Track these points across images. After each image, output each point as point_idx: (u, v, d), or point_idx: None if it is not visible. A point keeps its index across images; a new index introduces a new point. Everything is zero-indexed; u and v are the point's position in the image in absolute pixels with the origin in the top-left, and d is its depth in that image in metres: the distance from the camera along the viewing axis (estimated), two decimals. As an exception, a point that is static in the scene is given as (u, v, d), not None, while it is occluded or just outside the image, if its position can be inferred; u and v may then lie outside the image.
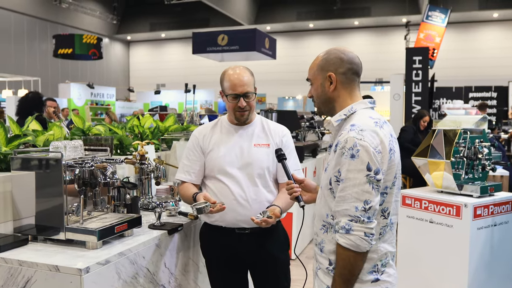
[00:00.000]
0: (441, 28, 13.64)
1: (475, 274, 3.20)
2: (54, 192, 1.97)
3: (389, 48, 21.02)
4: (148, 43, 25.21)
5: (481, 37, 20.44)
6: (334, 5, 20.10)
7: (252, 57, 14.55)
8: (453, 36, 18.62)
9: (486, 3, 18.55)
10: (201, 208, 2.05)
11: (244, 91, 2.24)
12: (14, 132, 2.43)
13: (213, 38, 13.20)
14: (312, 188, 2.04)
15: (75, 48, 15.06)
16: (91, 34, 16.87)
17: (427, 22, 13.65)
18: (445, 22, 13.62)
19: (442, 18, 13.58)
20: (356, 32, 22.54)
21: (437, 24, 13.60)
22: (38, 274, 1.78)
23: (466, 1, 18.24)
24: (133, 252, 2.00)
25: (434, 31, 13.50)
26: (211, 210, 2.08)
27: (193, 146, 2.36)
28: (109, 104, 15.03)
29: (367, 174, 1.59)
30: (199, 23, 21.35)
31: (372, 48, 21.82)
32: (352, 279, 1.66)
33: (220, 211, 2.11)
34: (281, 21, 21.77)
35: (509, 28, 20.13)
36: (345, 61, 1.76)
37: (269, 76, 21.18)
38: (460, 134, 3.34)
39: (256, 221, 2.06)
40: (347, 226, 1.60)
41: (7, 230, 2.08)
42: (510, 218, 3.43)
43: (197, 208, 2.06)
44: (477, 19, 19.99)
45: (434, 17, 13.56)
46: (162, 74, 24.33)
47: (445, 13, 13.65)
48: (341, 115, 1.77)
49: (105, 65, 22.93)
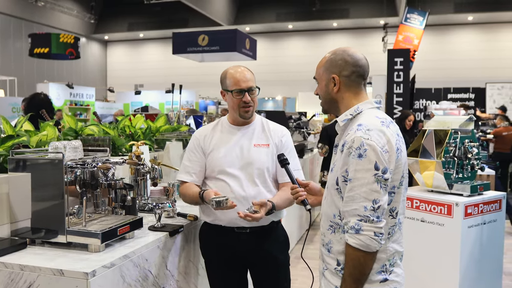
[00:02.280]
0: (419, 30, 13.86)
1: (466, 272, 3.25)
2: (54, 193, 1.92)
3: (367, 50, 21.18)
4: (126, 43, 24.90)
5: (457, 39, 20.84)
6: (313, 6, 20.20)
7: (233, 58, 14.52)
8: (430, 38, 18.93)
9: (461, 6, 18.94)
10: (220, 201, 2.06)
11: (249, 85, 2.28)
12: (7, 132, 2.36)
13: (194, 38, 13.14)
14: (317, 191, 2.04)
15: (52, 48, 14.76)
16: (68, 33, 16.54)
17: (405, 24, 13.85)
18: (423, 24, 13.85)
19: (420, 20, 13.79)
20: (335, 34, 22.71)
21: (416, 27, 13.81)
22: (41, 278, 1.73)
23: (442, 4, 18.57)
24: (136, 254, 1.96)
25: (413, 33, 13.71)
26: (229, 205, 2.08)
27: (194, 147, 2.35)
28: (89, 104, 14.78)
29: (375, 173, 1.60)
30: (178, 23, 21.18)
31: (351, 49, 21.98)
32: (362, 279, 1.66)
33: (232, 207, 2.10)
34: (260, 22, 21.77)
35: (483, 31, 20.60)
36: (350, 64, 1.76)
37: (249, 76, 21.11)
38: (450, 134, 3.39)
39: (241, 214, 2.06)
40: (357, 226, 1.60)
41: (4, 233, 2.02)
42: (498, 217, 3.49)
43: (216, 201, 2.06)
44: (452, 22, 20.37)
45: (413, 20, 13.77)
46: (140, 74, 24.05)
47: (423, 16, 13.87)
48: (347, 115, 1.78)
49: (82, 65, 22.54)
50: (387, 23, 18.95)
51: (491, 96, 10.04)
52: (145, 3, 19.29)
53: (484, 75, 16.70)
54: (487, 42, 20.40)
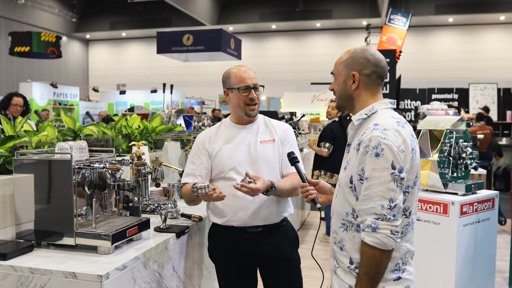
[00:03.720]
0: (403, 31, 14.04)
1: (462, 270, 3.30)
2: (62, 195, 1.88)
3: (350, 51, 21.39)
4: (108, 42, 24.61)
5: (438, 40, 21.16)
6: (297, 7, 20.28)
7: (217, 58, 14.47)
8: (412, 39, 19.17)
9: (442, 8, 19.24)
10: (202, 186, 2.04)
11: (254, 82, 2.30)
12: (8, 132, 2.31)
13: (178, 38, 13.06)
14: (327, 189, 2.05)
15: (33, 46, 14.49)
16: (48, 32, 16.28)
17: (389, 25, 14.01)
18: (407, 25, 14.03)
19: (404, 21, 13.97)
20: (318, 34, 22.84)
21: (399, 28, 13.98)
22: (52, 282, 1.69)
23: (423, 5, 18.82)
24: (146, 256, 1.94)
25: (396, 34, 13.87)
26: (210, 194, 2.07)
27: (198, 150, 2.34)
28: (73, 104, 14.54)
29: (392, 172, 1.61)
30: (161, 23, 21.02)
31: (333, 50, 22.13)
32: (378, 277, 1.68)
33: (218, 199, 2.10)
34: (244, 21, 21.77)
35: (464, 33, 20.96)
36: (371, 63, 1.77)
37: (233, 76, 21.08)
38: (445, 134, 3.44)
39: (236, 186, 2.06)
40: (374, 225, 1.61)
41: (9, 236, 1.98)
42: (492, 215, 3.55)
43: (197, 187, 2.04)
44: (433, 23, 20.69)
45: (396, 21, 13.94)
46: (122, 74, 23.81)
47: (406, 17, 14.05)
48: (362, 114, 1.79)
49: (63, 64, 22.19)
50: (369, 24, 19.15)
51: (474, 97, 10.23)
52: (128, 2, 19.13)
53: (467, 76, 16.99)
54: (468, 44, 20.77)
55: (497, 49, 20.32)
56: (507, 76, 16.71)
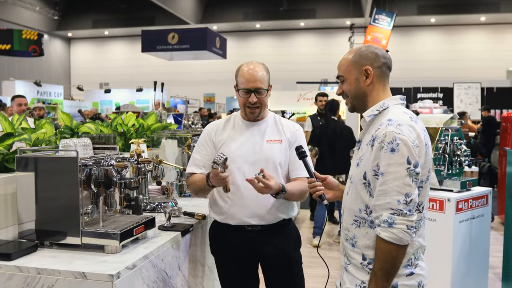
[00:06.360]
0: (387, 31, 14.15)
1: (457, 265, 3.33)
2: (67, 193, 1.83)
3: (333, 50, 21.50)
4: (90, 40, 24.30)
5: (421, 40, 21.46)
6: (281, 6, 20.32)
7: (202, 57, 14.40)
8: (396, 39, 19.36)
9: (424, 8, 19.49)
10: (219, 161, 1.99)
11: (256, 86, 2.22)
12: (6, 130, 2.25)
13: (163, 36, 12.96)
14: (335, 185, 2.03)
15: (14, 44, 14.26)
16: (29, 29, 16.00)
17: (374, 25, 14.11)
18: (391, 25, 14.14)
19: (388, 21, 14.08)
20: (302, 33, 22.94)
21: (384, 27, 14.09)
22: (60, 282, 1.65)
23: (406, 5, 19.05)
24: (154, 255, 1.91)
25: (381, 33, 13.98)
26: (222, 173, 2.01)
27: (205, 141, 2.31)
28: (57, 103, 14.31)
29: (408, 167, 1.61)
30: (144, 21, 20.84)
31: (317, 49, 22.28)
32: (393, 272, 1.67)
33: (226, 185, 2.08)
34: (228, 20, 21.73)
35: (445, 33, 21.27)
36: (380, 56, 1.78)
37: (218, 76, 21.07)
38: (441, 131, 3.47)
39: (251, 179, 2.00)
40: (390, 220, 1.61)
41: (11, 235, 1.92)
42: (485, 211, 3.60)
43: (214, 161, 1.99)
44: (416, 23, 20.95)
45: (381, 20, 14.04)
46: (105, 72, 23.54)
47: (390, 17, 14.17)
48: (373, 110, 1.78)
49: (44, 63, 21.85)
50: (353, 24, 19.27)
51: (458, 96, 10.38)
52: (111, 0, 18.92)
53: (451, 75, 17.23)
54: (450, 44, 21.10)
55: (478, 50, 20.68)
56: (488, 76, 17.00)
